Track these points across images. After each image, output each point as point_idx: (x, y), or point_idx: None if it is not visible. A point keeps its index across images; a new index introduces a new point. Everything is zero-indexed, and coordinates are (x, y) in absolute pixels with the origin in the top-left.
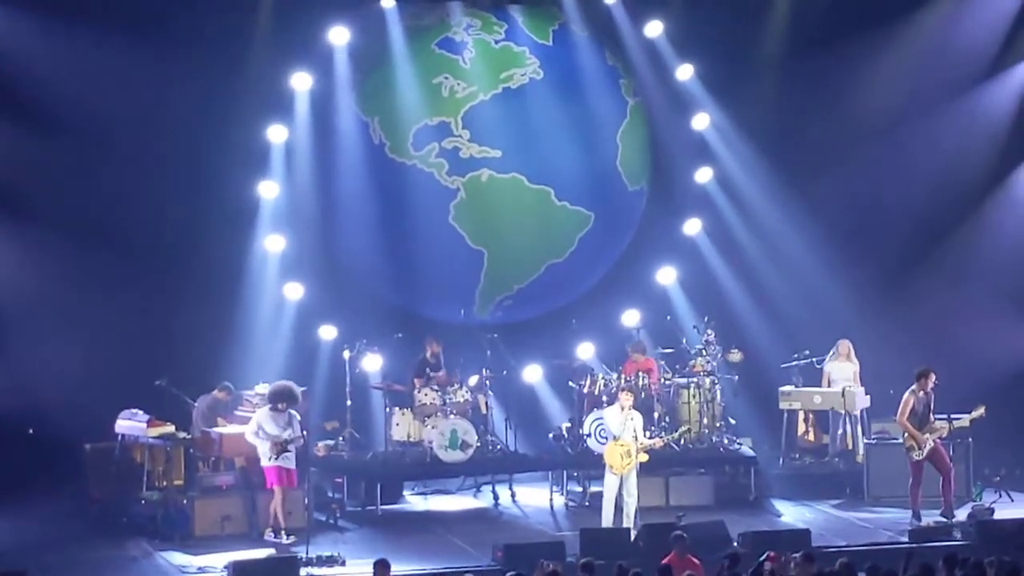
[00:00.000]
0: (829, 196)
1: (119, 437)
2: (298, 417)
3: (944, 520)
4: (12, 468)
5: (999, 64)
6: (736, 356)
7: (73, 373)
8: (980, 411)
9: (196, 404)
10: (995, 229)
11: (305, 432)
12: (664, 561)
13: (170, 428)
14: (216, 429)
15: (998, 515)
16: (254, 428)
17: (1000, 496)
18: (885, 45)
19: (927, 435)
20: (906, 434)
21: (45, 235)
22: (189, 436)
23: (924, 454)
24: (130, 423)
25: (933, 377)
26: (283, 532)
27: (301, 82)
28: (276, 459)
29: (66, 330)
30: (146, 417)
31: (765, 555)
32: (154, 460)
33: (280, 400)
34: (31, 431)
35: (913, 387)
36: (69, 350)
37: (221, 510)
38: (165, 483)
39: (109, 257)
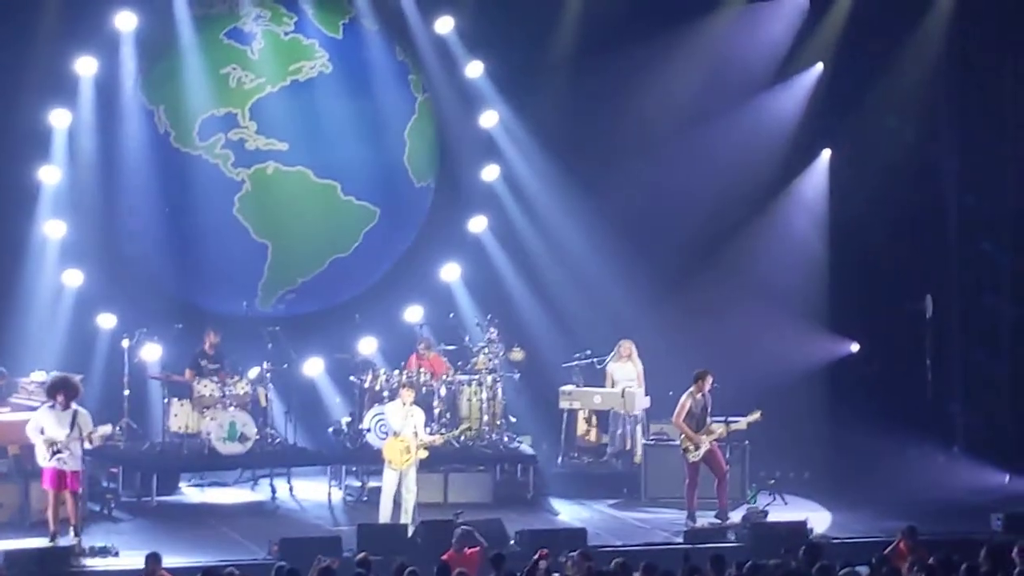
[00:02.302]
0: (615, 197)
1: None
2: (85, 413)
3: (718, 522)
4: None
5: (785, 70)
6: (518, 354)
7: None
8: (757, 415)
9: None
10: (778, 234)
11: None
12: (443, 557)
13: None
14: None
15: (772, 518)
16: (35, 426)
17: (774, 499)
18: (675, 49)
19: (703, 437)
20: (682, 435)
21: None
22: None
23: (700, 456)
24: None
25: (710, 379)
26: (57, 536)
27: (86, 67)
28: (51, 460)
29: None
30: None
31: (538, 553)
32: None
33: (56, 393)
34: None
35: (691, 389)
36: None
37: None
38: None
39: None
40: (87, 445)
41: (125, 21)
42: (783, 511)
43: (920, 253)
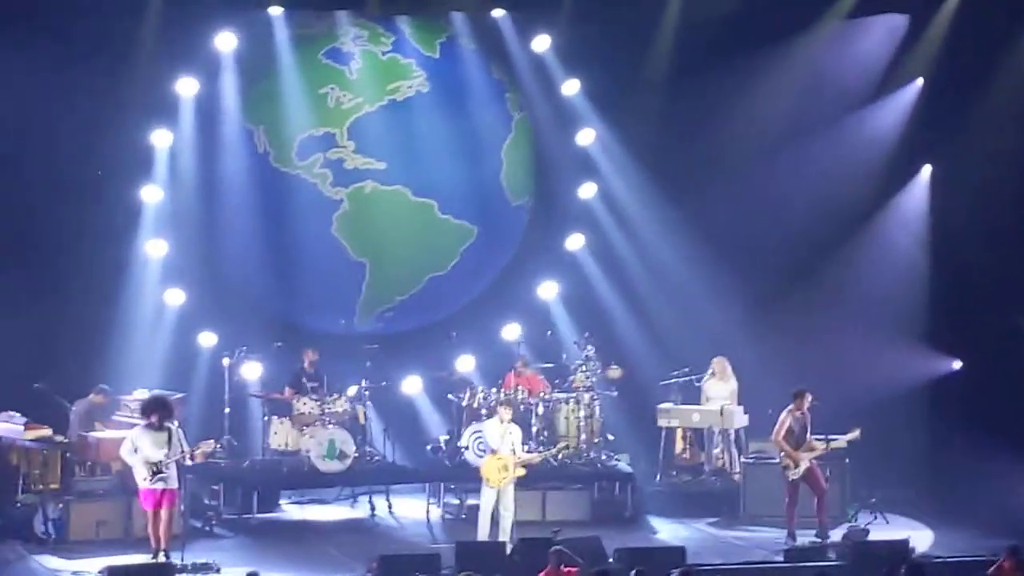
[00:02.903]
0: (712, 214)
1: None
2: (179, 431)
3: (819, 540)
4: None
5: (884, 87)
6: (616, 372)
7: None
8: (856, 433)
9: (74, 408)
10: (877, 250)
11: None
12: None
13: (47, 431)
14: (93, 433)
15: (873, 536)
16: (129, 447)
17: (875, 518)
18: (771, 65)
19: (803, 455)
20: (782, 453)
21: None
22: (66, 440)
23: (800, 474)
24: (7, 425)
25: (809, 398)
26: (162, 553)
27: (187, 87)
28: (151, 480)
29: None
30: (23, 420)
31: (635, 572)
32: (30, 463)
33: (151, 413)
34: None
35: (790, 407)
36: None
37: (96, 515)
38: (41, 486)
39: None
40: (189, 462)
41: (225, 42)
42: (884, 530)
43: (1022, 268)
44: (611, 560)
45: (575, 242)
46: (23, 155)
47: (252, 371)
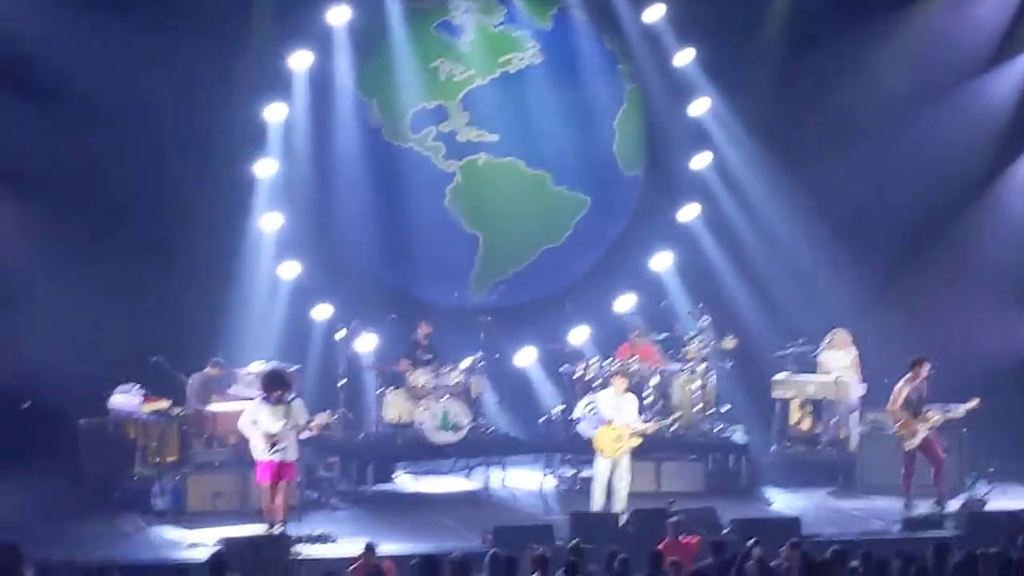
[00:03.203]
0: (828, 184)
1: (113, 412)
2: (299, 404)
3: (936, 510)
4: (6, 442)
5: (1001, 54)
6: (730, 343)
7: (69, 348)
8: (975, 402)
9: (190, 381)
10: (995, 220)
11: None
12: (659, 546)
13: (164, 404)
14: (210, 406)
15: (990, 507)
16: (248, 419)
17: (993, 488)
18: (887, 34)
19: (920, 424)
20: (899, 423)
21: (45, 211)
22: (183, 412)
23: (917, 443)
24: (125, 398)
25: (927, 367)
26: (275, 526)
27: (300, 61)
28: (270, 452)
29: (63, 305)
30: (141, 393)
31: (752, 541)
32: (147, 436)
33: (270, 388)
34: (27, 405)
35: (907, 376)
36: (65, 325)
37: (213, 486)
38: (158, 459)
39: (108, 233)
40: (306, 434)
41: (338, 15)
42: (1002, 499)
43: None
44: (726, 531)
45: (689, 213)
46: (137, 131)
47: (366, 344)
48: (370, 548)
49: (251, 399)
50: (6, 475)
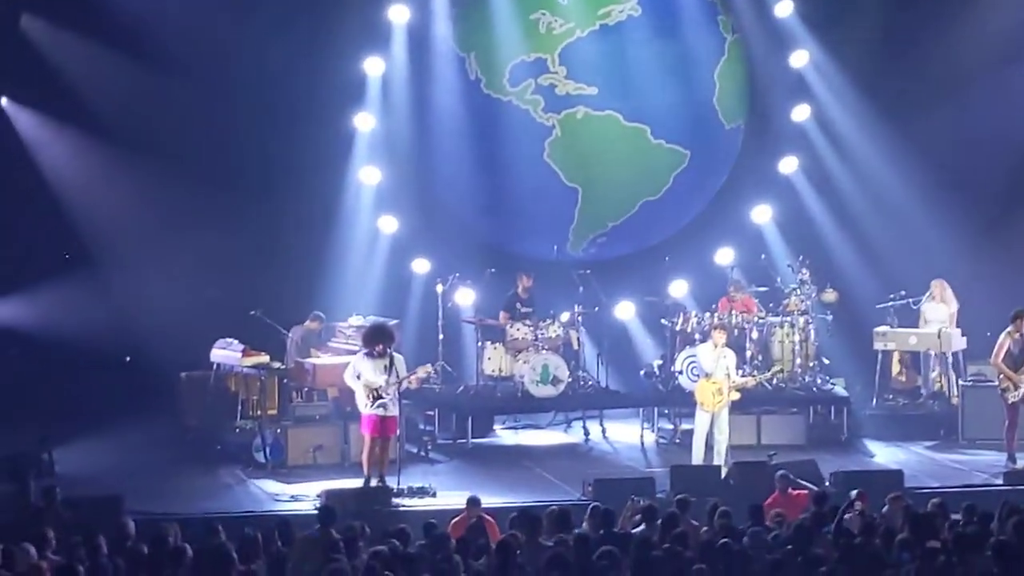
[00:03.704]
0: (928, 135)
1: (214, 366)
2: (401, 358)
3: None
4: (109, 395)
5: None
6: (831, 296)
7: (170, 303)
8: None
9: (289, 334)
10: None
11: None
12: (767, 501)
13: (264, 358)
14: (309, 360)
15: None
16: (352, 372)
17: None
18: None
19: (1023, 377)
20: (1001, 376)
21: (145, 169)
22: (283, 366)
23: (1019, 396)
24: (225, 352)
25: None
26: (373, 479)
27: (399, 15)
28: (372, 406)
29: (164, 261)
30: (241, 347)
31: (855, 493)
32: (248, 389)
33: (373, 342)
34: (128, 359)
35: (1009, 328)
36: (166, 280)
37: (314, 439)
38: (259, 412)
39: (206, 189)
40: (407, 386)
41: None
42: None
43: None
44: (828, 484)
45: (789, 165)
46: (237, 84)
47: (465, 297)
48: (474, 501)
49: (351, 352)
50: (110, 429)
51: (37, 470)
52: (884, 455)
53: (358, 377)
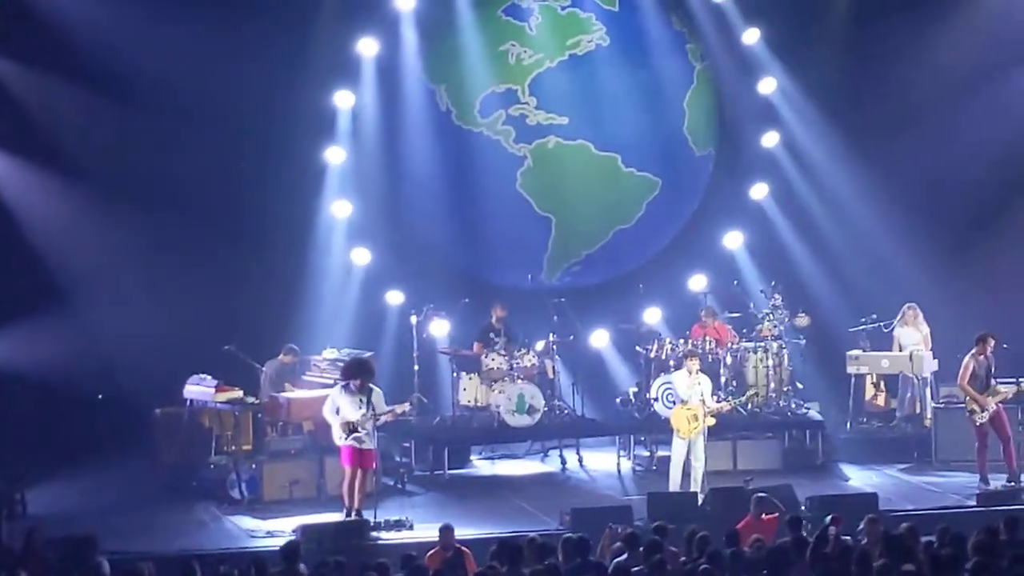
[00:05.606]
0: (896, 161)
1: (188, 402)
2: (379, 392)
3: (1010, 485)
4: (82, 433)
5: None
6: (803, 320)
7: (143, 338)
8: None
9: (263, 369)
10: None
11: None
12: (739, 525)
13: (238, 393)
14: (284, 393)
15: None
16: (331, 406)
17: None
18: (954, 10)
19: (989, 399)
20: (968, 398)
21: (117, 202)
22: (257, 401)
23: (987, 418)
24: (199, 388)
25: (992, 341)
26: (353, 511)
27: (368, 48)
28: (347, 439)
29: (136, 295)
30: (214, 382)
31: (831, 518)
32: (222, 425)
33: (352, 377)
34: (100, 396)
35: (973, 351)
36: (139, 315)
37: (290, 474)
38: (233, 448)
39: (176, 223)
40: (384, 420)
41: (405, 1)
42: None
43: None
44: (803, 508)
45: (759, 191)
46: (206, 117)
47: (440, 328)
48: (447, 528)
49: (325, 386)
50: (84, 466)
51: (9, 511)
52: (859, 478)
53: (337, 411)
